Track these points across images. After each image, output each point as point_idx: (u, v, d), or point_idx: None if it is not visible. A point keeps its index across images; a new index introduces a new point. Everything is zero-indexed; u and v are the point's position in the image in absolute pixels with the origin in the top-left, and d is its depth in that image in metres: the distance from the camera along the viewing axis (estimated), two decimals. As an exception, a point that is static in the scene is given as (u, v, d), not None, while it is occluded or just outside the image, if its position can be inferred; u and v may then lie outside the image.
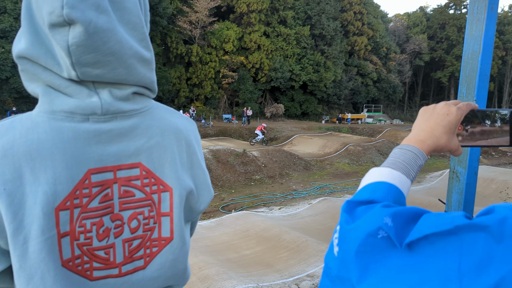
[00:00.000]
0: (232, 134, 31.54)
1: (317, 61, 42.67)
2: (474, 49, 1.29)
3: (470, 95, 1.28)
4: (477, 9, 1.26)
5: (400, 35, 54.16)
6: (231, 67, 39.10)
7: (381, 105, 51.22)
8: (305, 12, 42.87)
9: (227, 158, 19.94)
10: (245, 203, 15.69)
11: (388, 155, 0.76)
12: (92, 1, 0.79)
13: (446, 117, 0.78)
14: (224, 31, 37.40)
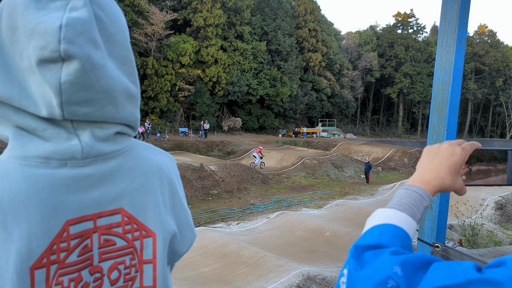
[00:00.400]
0: (188, 148, 31.15)
1: (273, 76, 43.33)
2: (444, 80, 1.33)
3: (441, 124, 1.32)
4: (446, 42, 1.31)
5: (352, 52, 56.24)
6: (187, 80, 38.84)
7: (335, 119, 52.67)
8: (261, 28, 43.57)
9: (183, 173, 19.60)
10: (203, 219, 15.45)
11: (342, 168, 0.75)
12: (89, 35, 0.72)
13: (451, 158, 0.78)
14: (180, 44, 37.18)
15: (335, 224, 14.33)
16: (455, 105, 1.32)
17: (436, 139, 1.53)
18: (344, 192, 21.75)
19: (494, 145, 50.53)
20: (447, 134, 1.44)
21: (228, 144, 33.83)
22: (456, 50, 1.29)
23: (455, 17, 1.29)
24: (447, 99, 1.34)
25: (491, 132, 62.25)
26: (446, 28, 1.33)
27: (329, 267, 10.84)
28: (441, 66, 1.32)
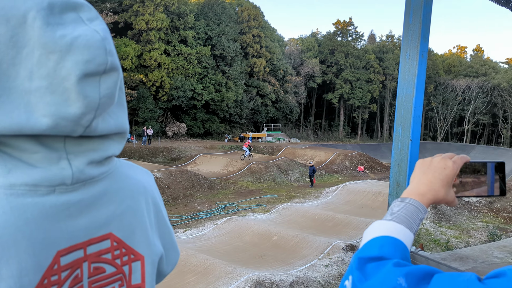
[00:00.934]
0: (131, 154, 30.18)
1: (218, 81, 43.25)
2: (408, 92, 1.38)
3: (405, 135, 1.37)
4: (409, 56, 1.36)
5: (295, 58, 57.55)
6: (129, 85, 37.67)
7: (280, 124, 53.54)
8: (205, 32, 43.37)
9: (127, 180, 18.95)
10: (148, 227, 15.00)
11: (288, 172, 0.76)
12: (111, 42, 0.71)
13: (443, 171, 0.81)
14: (122, 48, 36.03)
15: (282, 228, 14.51)
16: (419, 116, 1.38)
17: (401, 149, 1.58)
18: (290, 195, 22.12)
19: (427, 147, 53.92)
20: (412, 144, 1.49)
21: (173, 150, 33.22)
22: (419, 64, 1.34)
23: (417, 32, 1.34)
24: (411, 110, 1.39)
25: (424, 136, 66.30)
26: (408, 43, 1.38)
27: (277, 270, 10.93)
28: (405, 79, 1.37)
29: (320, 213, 16.88)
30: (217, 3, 45.32)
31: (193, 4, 44.35)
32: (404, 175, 1.53)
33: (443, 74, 63.60)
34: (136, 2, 38.36)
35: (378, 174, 33.57)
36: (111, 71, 0.69)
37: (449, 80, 60.93)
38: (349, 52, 58.28)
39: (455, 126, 63.58)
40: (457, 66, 64.80)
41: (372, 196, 20.07)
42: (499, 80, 56.34)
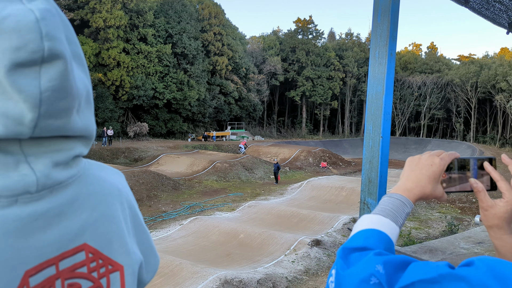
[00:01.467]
0: (91, 156, 29.24)
1: (180, 80, 42.68)
2: (378, 90, 1.40)
3: (376, 132, 1.39)
4: (378, 54, 1.38)
5: (257, 56, 57.70)
6: (88, 85, 36.45)
7: (243, 122, 53.56)
8: (166, 30, 42.64)
9: (88, 183, 18.35)
10: (111, 231, 14.61)
11: (253, 170, 0.75)
12: (64, 28, 0.60)
13: (430, 168, 0.84)
14: (78, 46, 34.77)
15: (249, 226, 14.53)
16: (389, 113, 1.41)
17: (372, 146, 1.60)
18: (255, 193, 22.18)
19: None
20: (382, 141, 1.52)
21: (135, 150, 32.50)
22: (388, 62, 1.37)
23: (386, 31, 1.37)
24: (381, 108, 1.42)
25: (383, 130, 68.35)
26: (378, 41, 1.41)
27: (245, 268, 10.94)
28: (374, 77, 1.39)
29: (286, 209, 17.04)
30: (177, 0, 44.67)
31: (152, 1, 43.46)
32: (376, 171, 1.56)
33: (400, 71, 65.74)
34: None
35: (341, 169, 34.30)
36: (53, 60, 0.57)
37: (406, 77, 63.07)
38: (310, 50, 59.09)
39: (412, 121, 65.93)
40: (413, 63, 67.18)
41: (335, 191, 20.47)
42: (452, 76, 58.90)
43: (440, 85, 60.48)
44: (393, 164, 41.70)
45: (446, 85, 60.45)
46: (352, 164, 37.37)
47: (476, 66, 55.78)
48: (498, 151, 45.74)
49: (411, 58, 68.34)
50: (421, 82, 60.77)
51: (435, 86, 60.55)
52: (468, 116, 60.28)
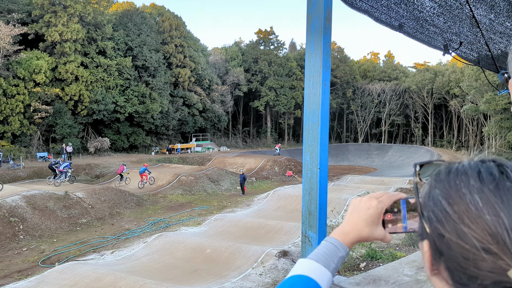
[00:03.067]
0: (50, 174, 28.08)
1: (142, 92, 41.95)
2: (313, 121, 1.37)
3: (313, 163, 1.36)
4: (312, 85, 1.35)
5: (220, 67, 57.69)
6: (44, 100, 35.17)
7: (208, 133, 53.21)
8: (125, 43, 41.90)
9: (45, 204, 17.58)
10: (71, 252, 14.01)
11: (219, 181, 0.72)
12: None
13: (367, 211, 0.84)
14: (33, 61, 33.52)
15: (215, 240, 14.33)
16: (325, 143, 1.38)
17: (311, 177, 1.57)
18: (222, 205, 21.97)
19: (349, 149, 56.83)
20: (320, 172, 1.48)
21: (96, 166, 31.53)
22: (322, 92, 1.34)
23: (318, 62, 1.34)
24: (317, 139, 1.39)
25: (346, 138, 69.77)
26: (311, 72, 1.38)
27: (212, 285, 10.74)
28: (310, 108, 1.37)
29: (253, 221, 16.94)
30: (136, 13, 44.08)
31: (110, 14, 42.65)
32: (315, 203, 1.53)
33: (360, 79, 67.60)
34: (47, 13, 36.00)
35: (306, 177, 34.62)
36: None
37: (366, 85, 64.92)
38: (272, 61, 59.72)
39: (374, 127, 67.74)
40: (372, 71, 69.28)
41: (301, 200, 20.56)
42: (409, 83, 61.14)
43: (398, 92, 62.62)
44: (357, 171, 42.62)
45: (404, 92, 62.66)
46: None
47: (430, 73, 58.18)
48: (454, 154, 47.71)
49: (370, 66, 70.47)
50: (380, 89, 62.70)
51: (394, 93, 62.63)
52: (426, 121, 62.64)
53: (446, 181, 0.60)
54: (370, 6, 1.57)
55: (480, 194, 0.55)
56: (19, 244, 14.74)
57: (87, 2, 38.15)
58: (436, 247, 0.59)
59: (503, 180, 0.56)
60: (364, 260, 9.55)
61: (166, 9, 49.33)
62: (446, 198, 0.59)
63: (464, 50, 2.18)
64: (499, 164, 0.59)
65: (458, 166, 0.61)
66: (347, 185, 29.31)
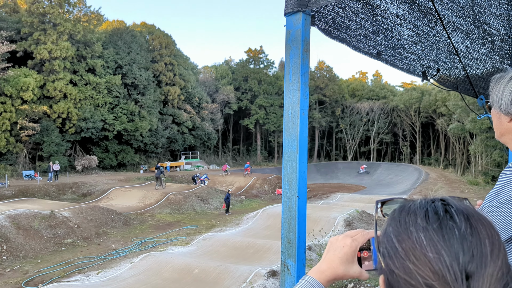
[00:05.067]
0: (36, 193, 27.64)
1: (131, 110, 41.84)
2: (292, 149, 1.39)
3: (292, 191, 1.37)
4: (291, 113, 1.37)
5: (210, 86, 57.97)
6: (31, 118, 34.84)
7: (198, 151, 53.05)
8: (115, 61, 41.96)
9: (30, 223, 17.24)
10: (56, 273, 13.69)
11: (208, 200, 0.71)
12: None
13: (342, 249, 0.86)
14: (21, 79, 33.32)
15: (204, 260, 14.14)
16: (304, 171, 1.39)
17: (289, 205, 1.57)
18: (210, 224, 21.77)
19: (339, 167, 57.03)
20: (299, 200, 1.49)
21: (83, 185, 31.12)
22: (300, 121, 1.36)
23: (297, 91, 1.37)
24: (296, 167, 1.40)
25: (336, 156, 70.14)
26: (290, 101, 1.40)
27: (200, 306, 10.56)
28: (289, 136, 1.38)
29: (241, 240, 16.78)
30: (126, 31, 44.30)
31: (100, 32, 42.77)
32: (294, 232, 1.53)
33: (349, 98, 68.39)
34: (36, 30, 35.99)
35: (296, 195, 34.57)
36: None
37: (355, 103, 65.67)
38: (261, 79, 60.24)
39: (363, 145, 68.26)
40: (360, 90, 70.19)
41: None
42: (397, 102, 62.01)
43: (386, 111, 63.42)
44: (346, 189, 42.72)
45: (392, 111, 63.49)
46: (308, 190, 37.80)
47: (418, 93, 59.12)
48: (442, 172, 48.14)
49: (358, 85, 71.42)
50: (368, 108, 63.44)
51: (382, 111, 63.42)
52: (414, 140, 63.35)
53: (398, 219, 0.64)
54: (348, 35, 1.61)
55: (424, 233, 0.58)
56: (2, 265, 14.37)
57: (77, 21, 38.27)
58: (388, 282, 0.62)
59: (446, 219, 0.59)
60: (352, 281, 9.51)
61: (156, 28, 49.66)
62: (396, 236, 0.62)
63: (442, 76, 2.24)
64: (446, 203, 0.62)
65: (410, 205, 0.64)
66: (336, 203, 29.31)
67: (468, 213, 0.60)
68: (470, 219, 0.59)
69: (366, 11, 1.62)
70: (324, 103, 66.79)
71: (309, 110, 31.42)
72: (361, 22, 1.63)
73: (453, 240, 0.56)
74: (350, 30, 1.63)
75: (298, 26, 1.40)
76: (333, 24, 1.61)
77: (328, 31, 1.60)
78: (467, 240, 0.56)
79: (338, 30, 1.61)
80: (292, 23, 1.44)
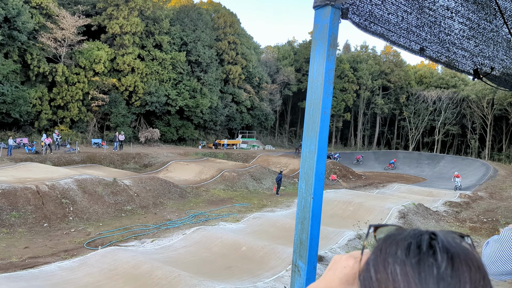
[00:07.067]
0: (102, 161, 29.51)
1: (193, 87, 42.95)
2: (310, 149, 1.34)
3: (308, 192, 1.33)
4: (312, 112, 1.32)
5: (271, 66, 57.83)
6: (102, 89, 36.95)
7: (255, 131, 53.56)
8: (181, 38, 43.06)
9: (94, 188, 18.48)
10: (115, 237, 14.63)
11: (261, 180, 0.71)
12: None
13: (343, 270, 0.81)
14: (94, 51, 35.32)
15: (252, 238, 14.41)
16: (321, 172, 1.34)
17: (304, 206, 1.54)
18: (262, 204, 22.06)
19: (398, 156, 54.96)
20: (314, 202, 1.45)
21: (145, 156, 32.70)
22: (321, 120, 1.31)
23: (319, 88, 1.31)
24: (313, 167, 1.36)
25: (396, 144, 67.67)
26: (312, 98, 1.35)
27: (244, 283, 10.82)
28: (308, 135, 1.34)
29: (291, 222, 16.85)
30: (193, 9, 45.11)
31: (168, 9, 43.98)
32: (306, 233, 1.50)
33: (415, 85, 65.17)
34: (110, 6, 37.76)
35: (350, 182, 33.96)
36: None
37: (421, 91, 62.45)
38: (324, 61, 58.94)
39: (426, 135, 65.13)
40: (428, 78, 66.54)
41: (342, 205, 20.24)
42: (468, 92, 58.13)
43: (455, 101, 59.71)
44: (404, 179, 41.22)
45: (461, 101, 59.67)
46: (363, 178, 36.98)
47: (492, 83, 54.86)
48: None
49: (426, 72, 67.72)
50: (436, 97, 60.08)
51: (451, 101, 59.81)
52: (484, 133, 59.28)
53: (380, 248, 0.61)
54: (387, 29, 1.51)
55: (401, 266, 0.55)
56: (68, 225, 15.62)
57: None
58: None
59: (428, 256, 0.55)
60: None
61: (222, 6, 50.08)
62: (374, 265, 0.59)
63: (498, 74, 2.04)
64: (434, 238, 0.58)
65: (397, 234, 0.61)
66: (392, 193, 28.43)
67: (454, 252, 0.56)
68: (454, 259, 0.55)
69: (410, 3, 1.50)
70: (388, 89, 64.24)
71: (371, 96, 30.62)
72: (403, 15, 1.52)
73: (429, 279, 0.52)
74: (389, 24, 1.52)
75: (326, 20, 1.33)
76: (370, 18, 1.51)
77: (363, 25, 1.51)
78: (444, 282, 0.52)
79: (374, 24, 1.51)
80: (320, 17, 1.38)
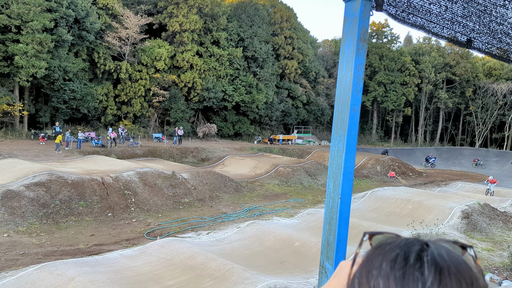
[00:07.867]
0: (162, 154, 30.74)
1: (249, 83, 43.37)
2: (339, 147, 1.30)
3: (335, 192, 1.29)
4: (341, 109, 1.28)
5: (328, 60, 56.88)
6: (162, 86, 38.43)
7: (310, 126, 53.05)
8: (238, 34, 43.59)
9: (154, 181, 19.30)
10: (172, 228, 15.22)
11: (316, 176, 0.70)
12: None
13: (348, 278, 0.77)
14: (155, 49, 36.77)
15: (305, 234, 14.34)
16: (350, 172, 1.30)
17: (332, 206, 1.49)
18: (316, 200, 21.86)
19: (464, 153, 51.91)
20: (341, 203, 1.40)
21: (203, 150, 33.58)
22: (350, 118, 1.26)
23: (348, 84, 1.26)
24: (341, 166, 1.31)
25: (461, 141, 63.95)
26: (341, 95, 1.31)
27: (296, 278, 10.81)
28: (337, 133, 1.30)
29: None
30: (250, 4, 45.44)
31: (226, 5, 44.68)
32: (334, 234, 1.45)
33: (483, 78, 61.03)
34: (170, 4, 39.08)
35: (410, 180, 32.66)
36: None
37: (490, 84, 58.38)
38: (383, 54, 56.99)
39: (495, 131, 60.91)
40: (498, 70, 61.99)
41: (400, 203, 19.53)
42: (544, 84, 53.55)
43: (529, 94, 55.25)
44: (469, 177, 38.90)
45: (536, 94, 55.10)
46: (423, 175, 35.42)
47: None
48: None
49: (496, 64, 63.09)
50: (507, 90, 55.91)
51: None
52: (563, 129, 54.36)
53: (367, 258, 0.58)
54: (428, 20, 1.41)
55: (384, 280, 0.52)
56: (130, 215, 16.47)
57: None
58: None
59: (414, 269, 0.52)
60: None
61: (279, 1, 49.96)
62: (358, 277, 0.57)
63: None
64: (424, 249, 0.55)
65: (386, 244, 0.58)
66: (455, 192, 26.97)
67: (443, 265, 0.51)
68: (442, 273, 0.50)
69: (456, -8, 1.40)
70: (453, 83, 60.76)
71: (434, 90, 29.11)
72: (447, 4, 1.41)
73: None
74: (430, 14, 1.43)
75: (356, 13, 1.27)
76: (408, 9, 1.43)
77: (400, 17, 1.43)
78: None
79: (413, 15, 1.42)
80: (350, 9, 1.32)
